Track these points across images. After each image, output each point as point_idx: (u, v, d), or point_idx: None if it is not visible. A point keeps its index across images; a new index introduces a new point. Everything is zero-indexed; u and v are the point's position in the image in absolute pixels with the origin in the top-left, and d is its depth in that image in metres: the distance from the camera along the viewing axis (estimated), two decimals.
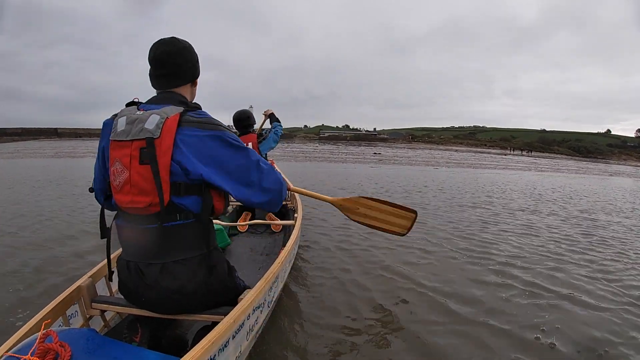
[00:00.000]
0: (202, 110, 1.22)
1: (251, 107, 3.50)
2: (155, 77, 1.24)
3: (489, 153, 39.94)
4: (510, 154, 42.05)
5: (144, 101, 1.24)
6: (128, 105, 1.22)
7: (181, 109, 1.15)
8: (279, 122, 3.32)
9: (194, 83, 1.30)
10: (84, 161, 13.27)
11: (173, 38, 1.23)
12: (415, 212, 2.23)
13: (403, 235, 2.27)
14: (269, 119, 3.36)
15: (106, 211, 1.29)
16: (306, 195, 2.05)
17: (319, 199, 2.04)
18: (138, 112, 1.14)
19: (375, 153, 25.98)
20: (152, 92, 1.27)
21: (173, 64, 1.22)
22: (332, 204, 2.13)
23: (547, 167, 22.08)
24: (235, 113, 3.26)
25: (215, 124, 1.17)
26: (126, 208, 1.17)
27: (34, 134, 44.99)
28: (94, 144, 24.58)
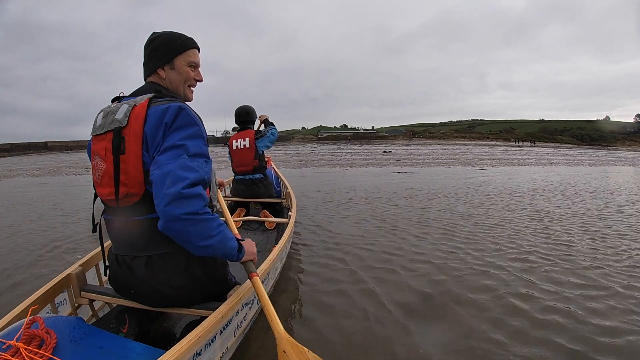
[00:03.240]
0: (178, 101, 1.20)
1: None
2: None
3: (499, 145, 37.79)
4: (523, 146, 40.15)
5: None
6: (113, 100, 1.25)
7: (150, 95, 1.16)
8: (274, 126, 3.43)
9: (158, 73, 1.27)
10: (10, 182, 10.39)
11: (152, 32, 1.30)
12: None
13: None
14: (263, 124, 3.46)
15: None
16: (262, 303, 1.28)
17: (267, 317, 1.24)
18: (112, 105, 1.18)
19: (385, 152, 23.21)
20: None
21: (144, 54, 1.29)
22: (275, 340, 1.23)
23: (586, 158, 18.70)
24: (237, 109, 3.42)
25: (178, 100, 1.18)
26: (107, 200, 1.19)
27: (23, 148, 44.35)
28: (59, 158, 22.53)
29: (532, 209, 4.89)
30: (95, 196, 1.28)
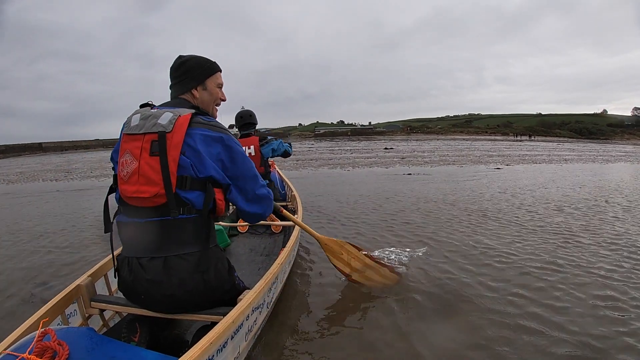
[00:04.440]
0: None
1: (242, 107, 3.53)
2: (170, 87, 1.43)
3: (499, 140, 36.88)
4: (523, 140, 39.67)
5: (157, 105, 1.36)
6: (142, 106, 1.32)
7: (193, 111, 1.26)
8: (290, 145, 3.42)
9: (192, 93, 1.39)
10: None
11: (179, 56, 1.43)
12: (399, 276, 2.26)
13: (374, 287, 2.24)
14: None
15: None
16: (296, 224, 2.04)
17: (307, 232, 2.08)
18: (152, 110, 1.26)
19: (386, 148, 21.85)
20: (145, 98, 1.46)
21: (174, 76, 1.40)
22: (318, 240, 2.14)
23: (595, 154, 17.81)
24: (238, 113, 3.40)
25: (222, 128, 1.30)
26: (130, 198, 1.22)
27: (18, 150, 43.91)
28: (46, 160, 21.38)
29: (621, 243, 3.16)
30: (110, 192, 1.33)
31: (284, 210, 1.86)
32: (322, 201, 5.41)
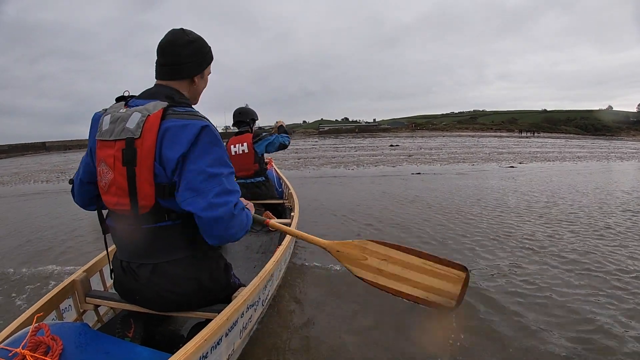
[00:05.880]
0: (192, 108, 1.18)
1: (246, 105, 3.51)
2: (156, 66, 1.20)
3: (504, 137, 36.13)
4: (531, 137, 39.01)
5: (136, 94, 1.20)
6: (118, 99, 1.19)
7: (165, 104, 1.09)
8: (287, 134, 3.37)
9: (193, 80, 1.22)
10: None
11: (182, 29, 1.20)
12: (464, 269, 1.60)
13: (452, 309, 1.63)
14: (277, 130, 3.43)
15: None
16: (292, 234, 1.65)
17: (308, 241, 1.61)
18: (122, 110, 1.11)
19: (392, 145, 21.28)
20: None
21: (173, 54, 1.17)
22: (325, 249, 1.62)
23: (607, 151, 17.13)
24: (236, 109, 3.37)
25: (198, 115, 1.11)
26: (114, 209, 1.17)
27: (21, 149, 42.86)
28: (45, 160, 20.52)
29: None
30: (95, 197, 1.27)
31: (274, 223, 1.52)
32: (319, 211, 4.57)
